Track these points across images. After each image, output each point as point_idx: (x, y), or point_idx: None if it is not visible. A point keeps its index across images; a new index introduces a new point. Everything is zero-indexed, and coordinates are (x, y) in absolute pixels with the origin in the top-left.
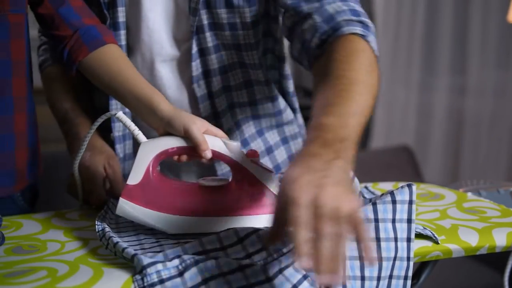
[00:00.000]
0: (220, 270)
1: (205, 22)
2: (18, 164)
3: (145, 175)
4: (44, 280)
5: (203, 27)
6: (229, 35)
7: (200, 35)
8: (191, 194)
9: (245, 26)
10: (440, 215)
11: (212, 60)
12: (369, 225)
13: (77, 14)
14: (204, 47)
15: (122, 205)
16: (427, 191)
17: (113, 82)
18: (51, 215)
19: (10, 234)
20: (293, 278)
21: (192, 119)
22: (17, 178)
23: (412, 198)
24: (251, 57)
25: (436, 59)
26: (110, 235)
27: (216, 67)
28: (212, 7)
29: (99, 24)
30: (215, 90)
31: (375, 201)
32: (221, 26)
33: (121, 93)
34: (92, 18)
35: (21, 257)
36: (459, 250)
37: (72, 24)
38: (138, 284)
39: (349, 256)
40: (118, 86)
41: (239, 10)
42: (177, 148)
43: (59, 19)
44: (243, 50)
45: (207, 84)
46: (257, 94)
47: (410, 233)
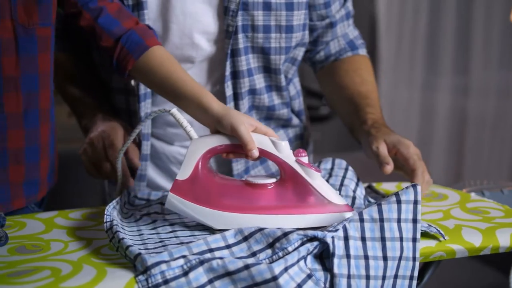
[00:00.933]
0: (225, 270)
1: (240, 23)
2: (41, 174)
3: (194, 171)
4: (48, 279)
5: (237, 28)
6: (261, 37)
7: (233, 36)
8: (239, 190)
9: (278, 29)
10: (443, 215)
11: (242, 61)
12: (375, 225)
13: (116, 19)
14: (235, 48)
15: (171, 199)
16: (431, 191)
17: (164, 85)
18: (55, 215)
19: (14, 233)
20: (297, 277)
21: (241, 119)
22: (41, 187)
23: (417, 198)
24: (278, 61)
25: (439, 59)
26: (117, 230)
27: (245, 68)
28: (250, 9)
29: (138, 25)
30: (240, 91)
31: (380, 202)
32: (255, 28)
33: (172, 94)
34: (131, 19)
35: (24, 256)
36: (462, 251)
37: (112, 32)
38: (142, 285)
39: (354, 255)
40: (169, 87)
41: (276, 13)
42: (225, 145)
43: (99, 30)
44: (271, 53)
45: (234, 85)
46: (275, 99)
47: (416, 233)
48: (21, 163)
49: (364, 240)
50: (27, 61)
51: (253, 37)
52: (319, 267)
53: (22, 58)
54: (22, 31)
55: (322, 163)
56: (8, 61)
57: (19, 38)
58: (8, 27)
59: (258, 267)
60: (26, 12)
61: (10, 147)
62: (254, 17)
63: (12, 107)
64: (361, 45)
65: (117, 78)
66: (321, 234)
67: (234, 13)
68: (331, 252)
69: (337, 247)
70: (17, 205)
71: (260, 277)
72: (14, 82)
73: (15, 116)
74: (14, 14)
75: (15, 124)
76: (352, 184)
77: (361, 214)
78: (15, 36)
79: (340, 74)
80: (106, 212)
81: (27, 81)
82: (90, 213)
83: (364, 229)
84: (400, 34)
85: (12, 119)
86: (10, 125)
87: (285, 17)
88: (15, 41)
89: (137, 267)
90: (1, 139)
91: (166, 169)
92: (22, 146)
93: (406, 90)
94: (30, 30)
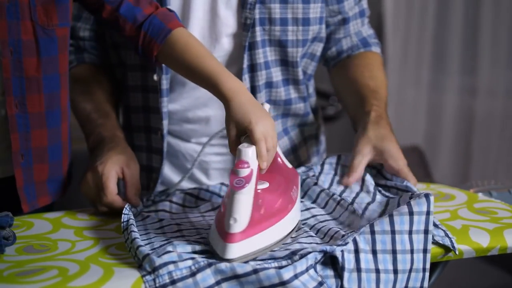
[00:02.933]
0: (233, 272)
1: (257, 16)
2: (64, 171)
3: None
4: (55, 279)
5: (254, 21)
6: (279, 30)
7: (251, 29)
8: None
9: (295, 22)
10: (450, 215)
11: (259, 54)
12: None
13: (136, 7)
14: (252, 41)
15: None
16: (438, 191)
17: (189, 67)
18: (62, 214)
19: (22, 233)
20: (309, 284)
21: (227, 123)
22: (64, 183)
23: (429, 209)
24: (295, 54)
25: (446, 59)
26: (132, 229)
27: (262, 61)
28: (267, 2)
29: (159, 10)
30: (258, 84)
31: (392, 213)
32: (272, 21)
33: (196, 76)
34: (151, 4)
35: (32, 256)
36: (470, 251)
37: (134, 20)
38: (149, 285)
39: (365, 269)
40: (193, 69)
41: (292, 6)
42: None
43: (122, 20)
44: (288, 46)
45: (251, 79)
46: (292, 93)
47: (427, 244)
48: (45, 161)
49: (375, 252)
50: (48, 62)
51: (270, 30)
52: (331, 273)
53: (43, 59)
54: (42, 32)
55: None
56: (30, 62)
57: (39, 39)
58: (28, 28)
59: (267, 272)
60: (46, 13)
61: (34, 147)
62: (271, 10)
63: (35, 107)
64: (375, 43)
65: (133, 76)
66: (330, 248)
67: (252, 6)
68: (341, 266)
69: (347, 260)
70: (43, 203)
71: (268, 282)
72: (37, 83)
73: (38, 116)
74: (34, 15)
75: (38, 124)
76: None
77: (372, 226)
78: (35, 37)
79: (350, 69)
80: (124, 211)
81: (48, 81)
82: (98, 213)
83: (375, 241)
84: (407, 34)
85: (35, 119)
86: (33, 125)
87: (302, 10)
88: (36, 43)
89: (145, 267)
90: (26, 139)
91: (182, 166)
92: (45, 145)
93: (413, 90)
94: (50, 31)
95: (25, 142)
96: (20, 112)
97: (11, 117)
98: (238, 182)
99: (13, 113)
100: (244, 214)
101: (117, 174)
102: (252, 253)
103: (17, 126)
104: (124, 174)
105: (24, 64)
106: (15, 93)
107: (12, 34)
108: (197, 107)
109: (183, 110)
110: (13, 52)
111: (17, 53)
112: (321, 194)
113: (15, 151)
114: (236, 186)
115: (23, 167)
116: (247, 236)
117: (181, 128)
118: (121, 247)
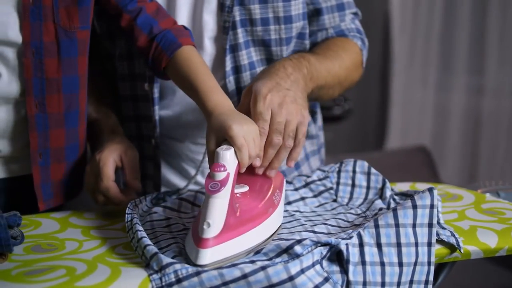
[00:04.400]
0: (241, 272)
1: (237, 18)
2: (79, 171)
3: None
4: (63, 278)
5: (235, 24)
6: (260, 30)
7: (231, 31)
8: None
9: (276, 21)
10: (458, 216)
11: (243, 56)
12: (390, 230)
13: (154, 19)
14: (235, 43)
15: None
16: (445, 191)
17: (185, 82)
18: (69, 214)
19: (29, 232)
20: (315, 279)
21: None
22: (78, 184)
23: (433, 203)
24: (279, 52)
25: (453, 59)
26: (137, 229)
27: (246, 62)
28: (246, 3)
29: (174, 25)
30: (243, 86)
31: (395, 207)
32: (253, 22)
33: (190, 91)
34: (168, 19)
35: (40, 255)
36: (477, 252)
37: (150, 32)
38: (156, 284)
39: (369, 262)
40: (188, 84)
41: (273, 5)
42: None
43: (137, 31)
44: (272, 45)
45: (236, 80)
46: None
47: (431, 238)
48: (62, 161)
49: (380, 246)
50: (68, 63)
51: (252, 30)
52: (337, 268)
53: (63, 60)
54: (63, 34)
55: (344, 165)
56: (51, 63)
57: (60, 41)
58: (50, 30)
59: (275, 268)
60: (68, 16)
61: (52, 147)
62: (252, 11)
63: (55, 107)
64: (355, 36)
65: (123, 86)
66: (334, 241)
67: (230, 9)
68: (346, 259)
69: (351, 254)
70: (58, 202)
71: (277, 278)
72: (57, 84)
73: (57, 116)
74: (57, 17)
75: (57, 124)
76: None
77: (376, 220)
78: (57, 39)
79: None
80: (126, 211)
81: (68, 82)
82: (105, 213)
83: (379, 234)
84: (414, 33)
85: (54, 119)
86: (52, 125)
87: (283, 8)
88: (57, 44)
89: (152, 266)
90: (44, 138)
91: (178, 166)
92: (63, 145)
93: (420, 89)
94: (71, 33)
95: (43, 141)
96: (40, 112)
97: (30, 117)
98: (213, 186)
99: (33, 113)
100: (219, 218)
101: (114, 162)
102: (226, 259)
103: (36, 126)
104: (123, 160)
105: (45, 65)
106: (35, 93)
107: (35, 36)
108: (189, 113)
109: (175, 116)
110: (35, 53)
111: (38, 54)
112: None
113: (33, 150)
114: (211, 190)
115: (41, 166)
116: (221, 241)
117: (175, 132)
118: (128, 246)
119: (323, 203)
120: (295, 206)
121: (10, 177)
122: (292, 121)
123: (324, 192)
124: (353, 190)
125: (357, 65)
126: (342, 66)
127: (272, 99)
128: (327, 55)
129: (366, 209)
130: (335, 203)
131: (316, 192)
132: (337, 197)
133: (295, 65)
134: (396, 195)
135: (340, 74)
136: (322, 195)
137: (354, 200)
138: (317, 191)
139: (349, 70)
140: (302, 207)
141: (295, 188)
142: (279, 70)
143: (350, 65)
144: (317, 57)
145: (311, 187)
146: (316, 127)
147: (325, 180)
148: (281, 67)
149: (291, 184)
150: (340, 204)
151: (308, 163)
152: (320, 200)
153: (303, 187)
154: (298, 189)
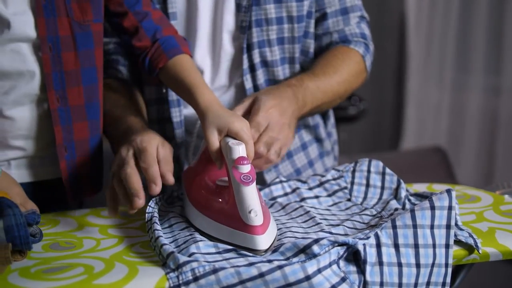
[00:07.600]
0: (258, 270)
1: (253, 18)
2: (101, 164)
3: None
4: (81, 276)
5: (251, 23)
6: (275, 29)
7: (248, 30)
8: (212, 193)
9: (290, 20)
10: (476, 217)
11: (258, 54)
12: (408, 231)
13: (158, 25)
14: (250, 42)
15: None
16: (463, 193)
17: (178, 86)
18: (87, 212)
19: (47, 230)
20: (332, 279)
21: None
22: (99, 178)
23: (451, 204)
24: (292, 50)
25: (470, 58)
26: (155, 228)
27: (260, 60)
28: (262, 3)
29: (177, 34)
30: (260, 83)
31: (413, 208)
32: (269, 21)
33: (182, 93)
34: (170, 28)
35: (58, 253)
36: (496, 254)
37: (153, 35)
38: (173, 282)
39: (387, 262)
40: (181, 87)
41: (286, 4)
42: None
43: (142, 31)
44: (285, 43)
45: (253, 78)
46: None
47: (449, 239)
48: (86, 153)
49: (397, 246)
50: (85, 55)
51: (268, 29)
52: (354, 269)
53: (80, 52)
54: (78, 27)
55: (358, 165)
56: (68, 56)
57: (76, 34)
58: (65, 25)
59: (292, 267)
60: (80, 10)
61: (76, 139)
62: (267, 10)
63: (75, 100)
64: (358, 42)
65: (148, 89)
66: (352, 241)
67: (247, 9)
68: (363, 259)
69: (369, 254)
70: (87, 195)
71: (294, 277)
72: (76, 76)
73: (78, 108)
74: (70, 12)
75: (79, 116)
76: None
77: (394, 221)
78: (72, 32)
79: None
80: (147, 210)
81: (86, 74)
82: (122, 211)
83: (397, 235)
84: (430, 33)
85: (76, 112)
86: (74, 118)
87: (296, 8)
88: (73, 38)
89: (169, 265)
90: (68, 132)
91: None
92: (87, 137)
93: (436, 89)
94: (86, 27)
95: (68, 135)
96: (62, 106)
97: (53, 111)
98: (245, 177)
99: (55, 108)
100: (258, 206)
101: (156, 146)
102: (274, 241)
103: (60, 120)
104: (159, 151)
105: (63, 59)
106: (56, 87)
107: (50, 31)
108: None
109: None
110: (52, 48)
111: (56, 49)
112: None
113: (59, 144)
114: (245, 182)
115: (67, 159)
116: (267, 225)
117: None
118: (145, 245)
119: (337, 202)
120: (310, 203)
121: (36, 181)
122: (281, 140)
123: (338, 191)
124: (367, 190)
125: (358, 74)
126: (340, 82)
127: (272, 114)
128: (326, 73)
129: (382, 209)
130: (349, 203)
131: (330, 192)
132: (351, 197)
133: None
134: (411, 195)
135: (338, 90)
136: (336, 194)
137: (368, 200)
138: (331, 190)
139: (348, 82)
140: (316, 205)
141: (310, 187)
142: (286, 91)
143: (349, 77)
144: (315, 80)
145: (325, 187)
146: (329, 124)
147: (340, 180)
148: (287, 89)
149: (306, 183)
150: (354, 203)
151: (322, 161)
152: (334, 199)
153: (318, 186)
154: (313, 188)
